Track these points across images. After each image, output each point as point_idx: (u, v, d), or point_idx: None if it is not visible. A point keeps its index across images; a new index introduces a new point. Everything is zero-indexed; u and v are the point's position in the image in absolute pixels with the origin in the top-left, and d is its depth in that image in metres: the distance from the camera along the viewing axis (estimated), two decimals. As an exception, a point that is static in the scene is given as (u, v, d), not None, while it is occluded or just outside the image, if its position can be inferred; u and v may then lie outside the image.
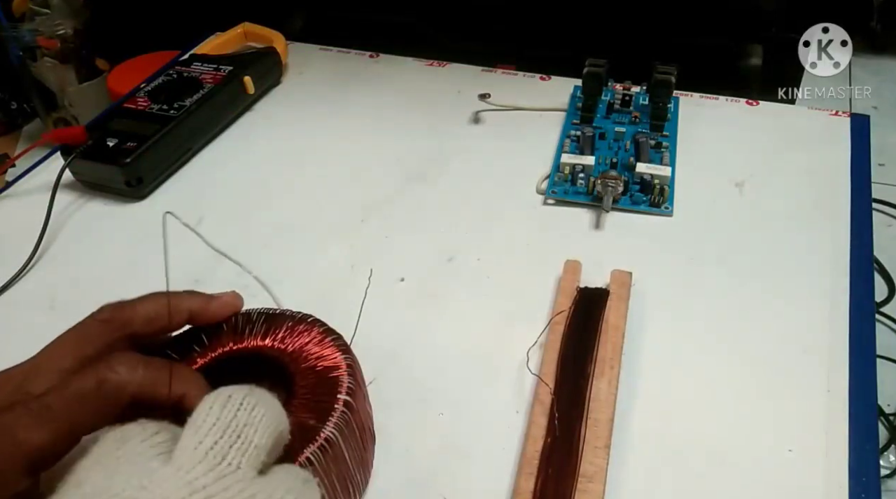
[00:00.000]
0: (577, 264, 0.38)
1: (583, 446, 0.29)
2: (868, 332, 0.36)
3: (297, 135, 0.54)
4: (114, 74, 1.30)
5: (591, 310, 0.35)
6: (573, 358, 0.33)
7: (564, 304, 0.36)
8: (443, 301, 0.38)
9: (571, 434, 0.30)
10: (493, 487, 0.30)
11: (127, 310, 0.28)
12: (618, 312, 0.35)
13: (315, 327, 0.30)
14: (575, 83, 0.55)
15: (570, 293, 0.37)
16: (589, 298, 0.36)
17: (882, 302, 1.04)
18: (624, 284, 0.37)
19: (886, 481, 0.85)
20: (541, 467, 0.29)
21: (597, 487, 0.28)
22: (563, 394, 0.31)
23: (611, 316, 0.35)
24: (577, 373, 0.32)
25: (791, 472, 0.30)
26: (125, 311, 0.28)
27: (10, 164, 0.78)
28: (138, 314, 0.28)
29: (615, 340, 0.34)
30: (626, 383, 0.34)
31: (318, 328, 0.29)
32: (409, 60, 0.61)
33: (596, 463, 0.29)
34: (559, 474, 0.28)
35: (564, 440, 0.30)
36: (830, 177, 0.46)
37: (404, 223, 0.44)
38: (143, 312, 0.28)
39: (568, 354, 0.33)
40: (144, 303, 0.28)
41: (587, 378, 0.32)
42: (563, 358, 0.33)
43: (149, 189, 0.48)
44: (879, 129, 0.51)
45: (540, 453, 0.29)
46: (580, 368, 0.32)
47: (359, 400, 0.28)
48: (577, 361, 0.33)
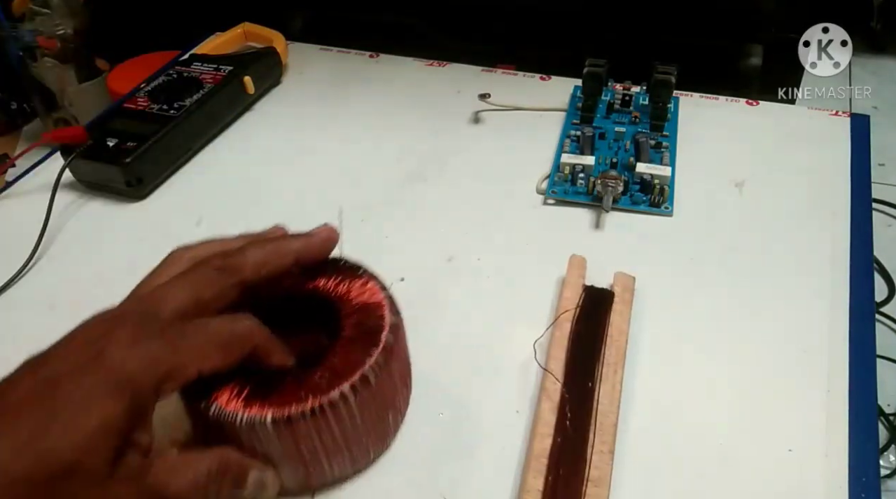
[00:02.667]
0: (582, 260, 0.38)
1: (592, 450, 0.29)
2: (868, 332, 0.36)
3: (297, 135, 0.54)
4: (114, 74, 1.30)
5: (597, 311, 0.35)
6: (581, 358, 0.33)
7: (570, 299, 0.36)
8: (443, 301, 0.38)
9: (581, 436, 0.30)
10: (493, 486, 0.30)
11: (238, 258, 0.28)
12: (622, 317, 0.35)
13: (360, 273, 0.31)
14: (575, 83, 0.55)
15: (576, 288, 0.36)
16: (595, 298, 0.36)
17: (882, 302, 1.04)
18: (628, 288, 0.37)
19: (886, 481, 0.85)
20: (550, 466, 0.29)
21: (602, 491, 0.28)
22: (572, 392, 0.31)
23: (616, 320, 0.35)
24: (586, 373, 0.32)
25: (791, 472, 0.30)
26: (237, 258, 0.28)
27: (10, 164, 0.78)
28: (249, 263, 0.28)
29: (619, 345, 0.34)
30: (626, 382, 0.34)
31: (363, 274, 0.31)
32: (409, 60, 0.61)
33: (602, 468, 0.29)
34: (569, 475, 0.28)
35: (574, 441, 0.29)
36: (830, 177, 0.46)
37: (404, 223, 0.44)
38: (253, 260, 0.28)
39: (576, 354, 0.33)
40: (256, 250, 0.29)
41: (595, 380, 0.32)
42: (571, 356, 0.33)
43: (149, 189, 0.48)
44: (879, 129, 0.51)
45: (549, 451, 0.29)
46: (588, 368, 0.32)
47: (400, 337, 0.30)
48: (584, 361, 0.33)
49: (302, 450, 0.27)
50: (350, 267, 0.32)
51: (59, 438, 0.21)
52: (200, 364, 0.25)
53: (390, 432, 0.31)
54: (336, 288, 0.31)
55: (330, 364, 0.27)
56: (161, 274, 0.28)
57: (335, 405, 0.26)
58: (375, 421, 0.29)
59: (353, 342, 0.28)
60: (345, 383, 0.26)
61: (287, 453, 0.27)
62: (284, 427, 0.26)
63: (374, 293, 0.30)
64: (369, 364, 0.27)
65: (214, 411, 0.26)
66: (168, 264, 0.28)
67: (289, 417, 0.26)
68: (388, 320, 0.29)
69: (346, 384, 0.26)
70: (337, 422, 0.27)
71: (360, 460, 0.30)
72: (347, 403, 0.27)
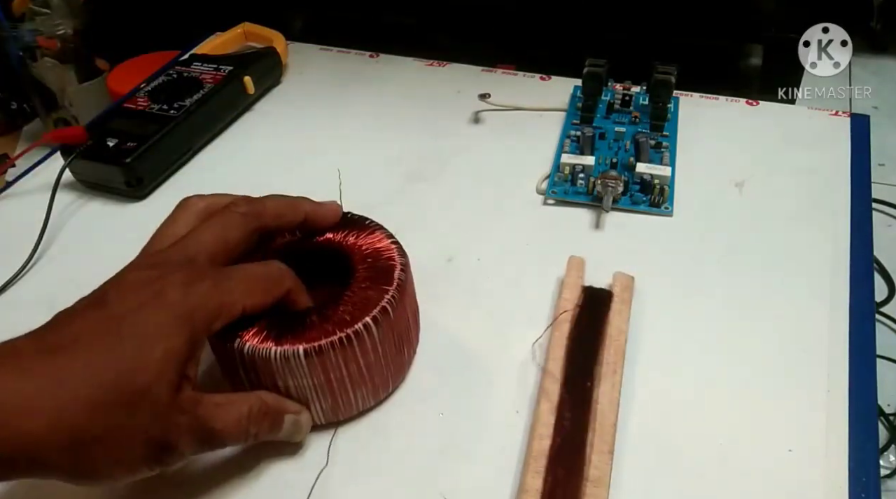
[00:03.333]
0: (581, 261, 0.38)
1: (591, 450, 0.29)
2: (868, 332, 0.36)
3: (297, 135, 0.54)
4: (114, 74, 1.31)
5: (596, 311, 0.35)
6: (580, 358, 0.33)
7: (569, 300, 0.36)
8: (442, 301, 0.38)
9: (580, 436, 0.30)
10: (493, 486, 0.30)
11: (258, 204, 0.31)
12: (621, 317, 0.35)
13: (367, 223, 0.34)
14: (575, 83, 0.55)
15: (575, 289, 0.36)
16: (594, 298, 0.36)
17: (882, 302, 1.04)
18: (627, 288, 0.37)
19: (886, 481, 0.85)
20: (549, 467, 0.29)
21: (602, 492, 0.28)
22: (571, 393, 0.31)
23: (614, 319, 0.35)
24: (584, 374, 0.32)
25: (791, 472, 0.30)
26: (258, 205, 0.31)
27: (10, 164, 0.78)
28: (268, 209, 0.31)
29: (618, 345, 0.34)
30: (626, 382, 0.34)
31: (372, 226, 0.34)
32: (409, 60, 0.61)
33: (601, 468, 0.29)
34: (568, 475, 0.28)
35: (573, 441, 0.30)
36: (830, 177, 0.46)
37: (404, 223, 0.44)
38: (273, 208, 0.31)
39: (576, 354, 0.33)
40: (274, 200, 0.32)
41: (593, 380, 0.32)
42: (570, 356, 0.33)
43: (149, 189, 0.48)
44: (879, 129, 0.51)
45: (548, 451, 0.29)
46: (587, 369, 0.32)
47: (409, 277, 0.33)
48: (584, 361, 0.33)
49: (331, 380, 0.30)
50: (356, 219, 0.35)
51: (130, 365, 0.23)
52: (245, 302, 0.27)
53: (406, 364, 0.34)
54: (346, 238, 0.34)
55: (351, 301, 0.30)
56: (178, 220, 0.30)
57: (360, 335, 0.29)
58: (394, 353, 0.32)
59: (369, 282, 0.31)
60: (367, 316, 0.29)
61: (317, 383, 0.30)
62: (316, 358, 0.29)
63: (382, 239, 0.33)
64: (387, 298, 0.30)
65: (249, 350, 0.28)
66: (183, 209, 0.31)
67: (319, 347, 0.28)
68: (398, 261, 0.32)
69: (368, 317, 0.29)
70: (362, 352, 0.30)
71: (380, 390, 0.33)
72: (371, 333, 0.30)
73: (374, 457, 0.31)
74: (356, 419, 0.33)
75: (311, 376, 0.29)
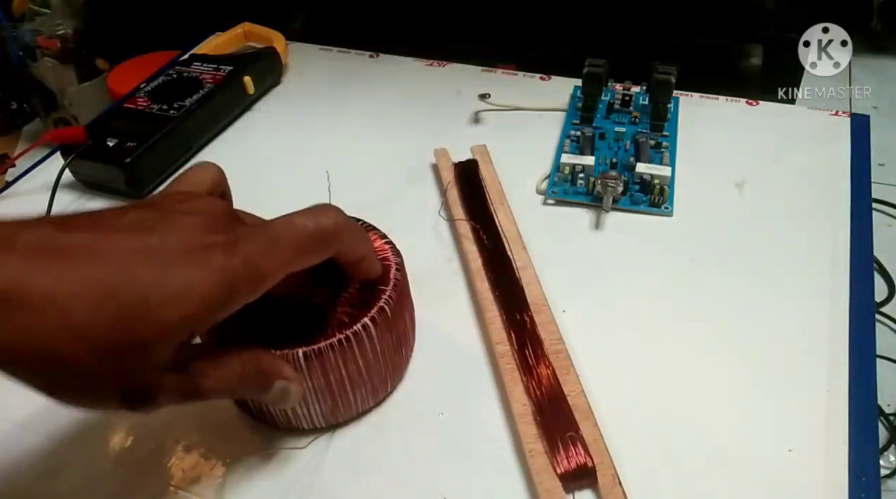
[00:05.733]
0: (445, 150, 0.47)
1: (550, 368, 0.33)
2: (868, 332, 0.36)
3: (297, 135, 0.54)
4: (114, 74, 1.31)
5: (471, 173, 0.45)
6: (473, 202, 0.42)
7: (448, 177, 0.45)
8: (442, 301, 0.38)
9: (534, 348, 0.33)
10: (493, 486, 0.30)
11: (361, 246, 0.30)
12: (489, 172, 0.45)
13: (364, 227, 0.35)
14: (575, 83, 0.55)
15: (449, 168, 0.46)
16: (465, 167, 0.46)
17: (882, 302, 1.03)
18: (483, 154, 0.47)
19: (886, 481, 0.85)
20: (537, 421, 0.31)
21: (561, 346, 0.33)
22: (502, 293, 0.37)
23: (485, 174, 0.45)
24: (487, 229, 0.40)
25: (791, 472, 0.30)
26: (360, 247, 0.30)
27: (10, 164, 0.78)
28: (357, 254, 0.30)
29: (496, 188, 0.43)
30: (626, 383, 0.34)
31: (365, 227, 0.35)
32: (409, 60, 0.61)
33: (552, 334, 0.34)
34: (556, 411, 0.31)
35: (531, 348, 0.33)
36: (830, 177, 0.46)
37: (404, 223, 0.44)
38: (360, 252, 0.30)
39: (471, 201, 0.42)
40: (368, 245, 0.31)
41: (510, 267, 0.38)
42: (467, 205, 0.42)
43: (149, 189, 0.48)
44: (879, 129, 0.51)
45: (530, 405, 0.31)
46: (486, 219, 0.41)
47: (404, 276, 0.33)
48: (476, 201, 0.42)
49: (331, 381, 0.30)
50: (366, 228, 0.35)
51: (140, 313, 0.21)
52: (289, 268, 0.26)
53: (404, 363, 0.35)
54: None
55: (348, 302, 0.31)
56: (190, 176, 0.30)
57: (359, 336, 0.29)
58: (392, 352, 0.32)
59: (366, 283, 0.31)
60: (365, 317, 0.30)
61: (316, 385, 0.30)
62: (316, 360, 0.29)
63: (376, 239, 0.34)
64: (384, 298, 0.31)
65: None
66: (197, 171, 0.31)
67: (319, 350, 0.28)
68: (393, 261, 0.33)
69: (367, 317, 0.30)
70: (361, 353, 0.30)
71: (379, 390, 0.33)
72: (369, 333, 0.30)
73: (373, 457, 0.31)
74: (356, 420, 0.33)
75: (311, 378, 0.29)
